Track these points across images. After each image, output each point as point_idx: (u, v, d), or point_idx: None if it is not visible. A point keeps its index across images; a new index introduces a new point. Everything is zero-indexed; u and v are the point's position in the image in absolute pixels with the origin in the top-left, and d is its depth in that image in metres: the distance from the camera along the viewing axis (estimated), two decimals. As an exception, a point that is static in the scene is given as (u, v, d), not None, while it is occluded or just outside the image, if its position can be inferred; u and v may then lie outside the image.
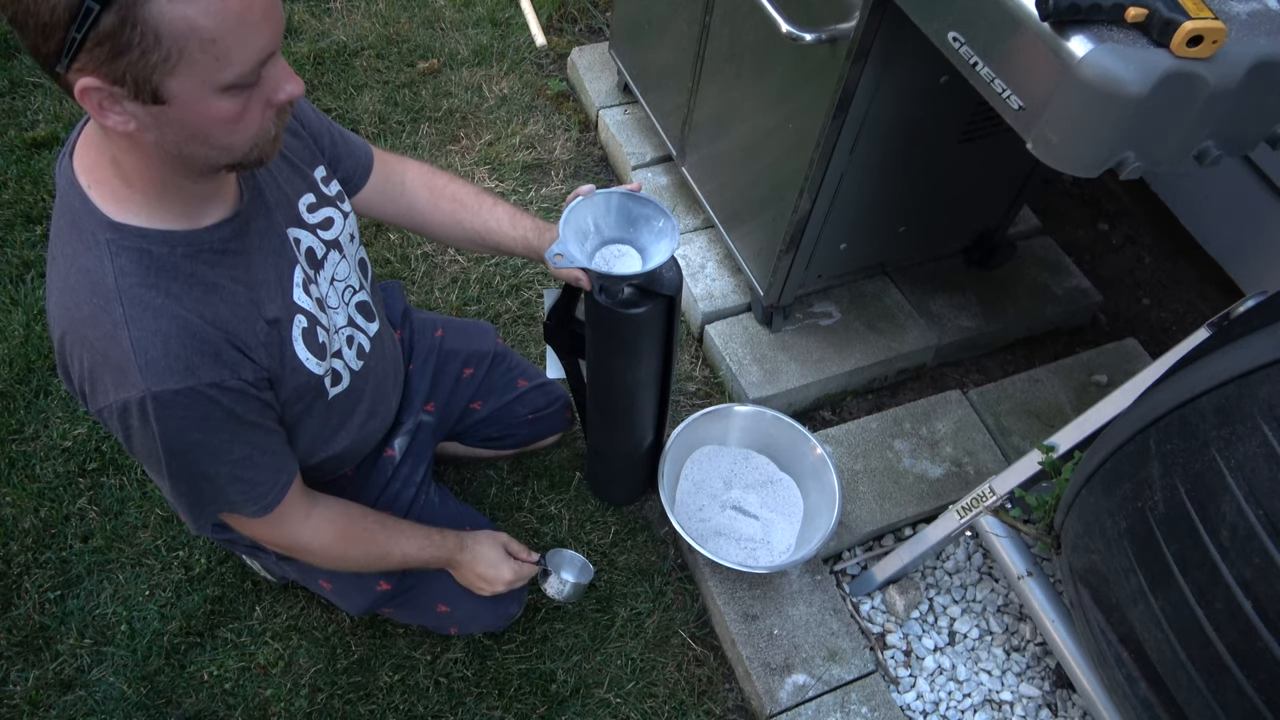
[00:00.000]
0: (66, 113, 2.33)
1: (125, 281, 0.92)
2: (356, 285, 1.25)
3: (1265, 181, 1.90)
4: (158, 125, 0.84)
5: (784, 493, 1.69)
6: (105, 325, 0.92)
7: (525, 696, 1.57)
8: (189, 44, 0.78)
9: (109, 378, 0.94)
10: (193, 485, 1.06)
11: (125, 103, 0.82)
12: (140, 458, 1.03)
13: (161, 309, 0.94)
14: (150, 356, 0.93)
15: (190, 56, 0.79)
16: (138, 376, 0.93)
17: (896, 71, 1.40)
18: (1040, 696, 1.57)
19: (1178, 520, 0.92)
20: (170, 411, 0.95)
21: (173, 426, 0.97)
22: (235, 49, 0.81)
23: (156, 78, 0.80)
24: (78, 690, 1.54)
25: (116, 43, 0.76)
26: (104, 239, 0.92)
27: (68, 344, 0.96)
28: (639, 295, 1.27)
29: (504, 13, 2.70)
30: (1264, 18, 1.00)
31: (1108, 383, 1.93)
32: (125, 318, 0.92)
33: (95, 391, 0.97)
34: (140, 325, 0.92)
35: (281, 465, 1.12)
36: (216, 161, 0.91)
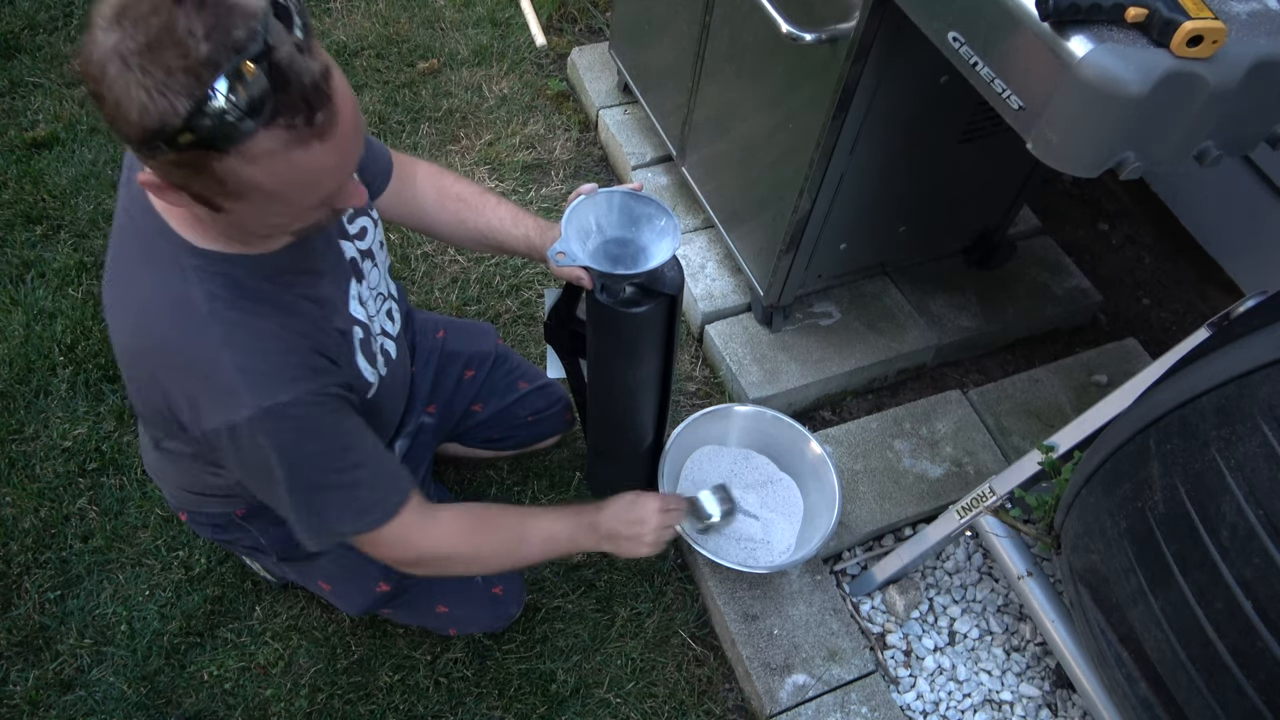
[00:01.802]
0: (66, 113, 2.33)
1: (217, 305, 0.93)
2: (387, 292, 1.26)
3: (1265, 181, 1.90)
4: (212, 219, 0.88)
5: (784, 493, 1.69)
6: (203, 349, 0.92)
7: (525, 696, 1.57)
8: (252, 195, 0.81)
9: (214, 401, 0.94)
10: (316, 498, 1.04)
11: (185, 197, 0.84)
12: (253, 479, 1.02)
13: (256, 327, 0.94)
14: (255, 374, 0.93)
15: (252, 201, 0.82)
16: (247, 396, 0.92)
17: (896, 71, 1.40)
18: (1040, 696, 1.57)
19: (1178, 520, 0.92)
20: (282, 424, 0.95)
21: (288, 440, 0.96)
22: (298, 199, 0.85)
23: (219, 201, 0.82)
24: (78, 690, 1.54)
25: (183, 174, 0.79)
26: (189, 265, 0.93)
27: (154, 374, 0.96)
28: (640, 294, 1.27)
29: (504, 13, 2.70)
30: (1264, 18, 0.99)
31: (1108, 383, 1.93)
32: (224, 339, 0.92)
33: (200, 417, 0.95)
34: (239, 345, 0.93)
35: (398, 470, 1.11)
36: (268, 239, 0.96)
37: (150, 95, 0.73)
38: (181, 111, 0.73)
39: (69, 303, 1.98)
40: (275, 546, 1.35)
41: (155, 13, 0.72)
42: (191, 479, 1.26)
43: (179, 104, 0.73)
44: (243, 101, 0.73)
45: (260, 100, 0.74)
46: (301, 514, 1.05)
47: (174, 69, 0.72)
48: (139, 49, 0.72)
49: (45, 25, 2.54)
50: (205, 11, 0.72)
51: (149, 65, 0.72)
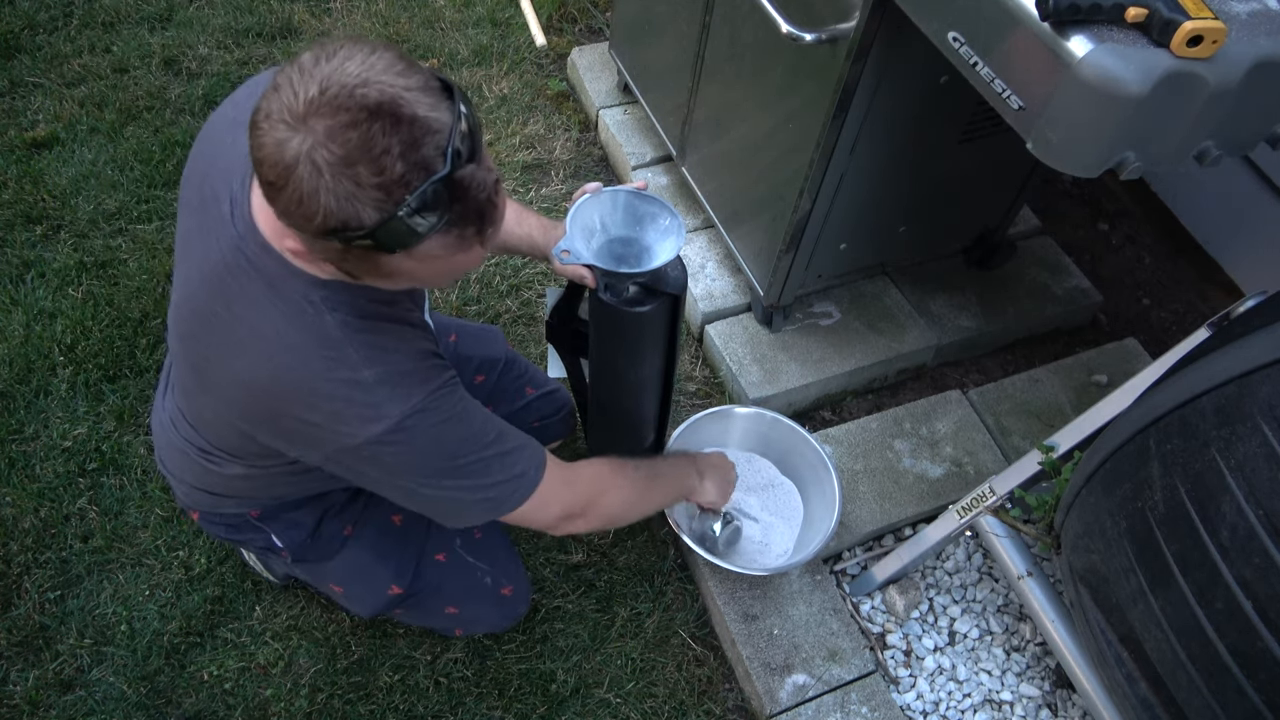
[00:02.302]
0: (66, 113, 2.34)
1: (348, 330, 0.96)
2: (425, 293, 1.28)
3: (1265, 181, 1.90)
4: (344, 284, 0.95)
5: (785, 497, 1.69)
6: (343, 372, 0.95)
7: (525, 696, 1.57)
8: (403, 279, 0.88)
9: (359, 415, 0.97)
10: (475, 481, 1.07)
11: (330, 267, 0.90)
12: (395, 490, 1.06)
13: (384, 345, 0.98)
14: (395, 386, 0.97)
15: (398, 280, 0.89)
16: (391, 406, 0.97)
17: (896, 71, 1.40)
18: (1040, 696, 1.57)
19: (1178, 520, 0.92)
20: (425, 420, 0.99)
21: (433, 435, 1.00)
22: (435, 281, 0.92)
23: (364, 279, 0.90)
24: (78, 690, 1.54)
25: (340, 254, 0.83)
26: (317, 298, 0.96)
27: (290, 407, 0.98)
28: (644, 293, 1.27)
29: (504, 13, 2.70)
30: (1264, 18, 1.00)
31: (1108, 383, 1.93)
32: (363, 360, 0.96)
33: (342, 437, 0.98)
34: (376, 362, 0.96)
35: (526, 437, 1.13)
36: None
37: (339, 202, 0.76)
38: (367, 223, 0.77)
39: (69, 303, 1.98)
40: (290, 547, 1.35)
41: (353, 126, 0.75)
42: (218, 481, 1.25)
43: (365, 214, 0.77)
44: (427, 217, 0.78)
45: (441, 214, 0.79)
46: (464, 503, 1.08)
47: (366, 184, 0.76)
48: (335, 160, 0.76)
49: (45, 25, 2.54)
50: (401, 129, 0.76)
51: (342, 176, 0.76)
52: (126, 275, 2.04)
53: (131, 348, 1.93)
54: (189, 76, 2.47)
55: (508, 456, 1.08)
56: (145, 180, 2.22)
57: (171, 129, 2.32)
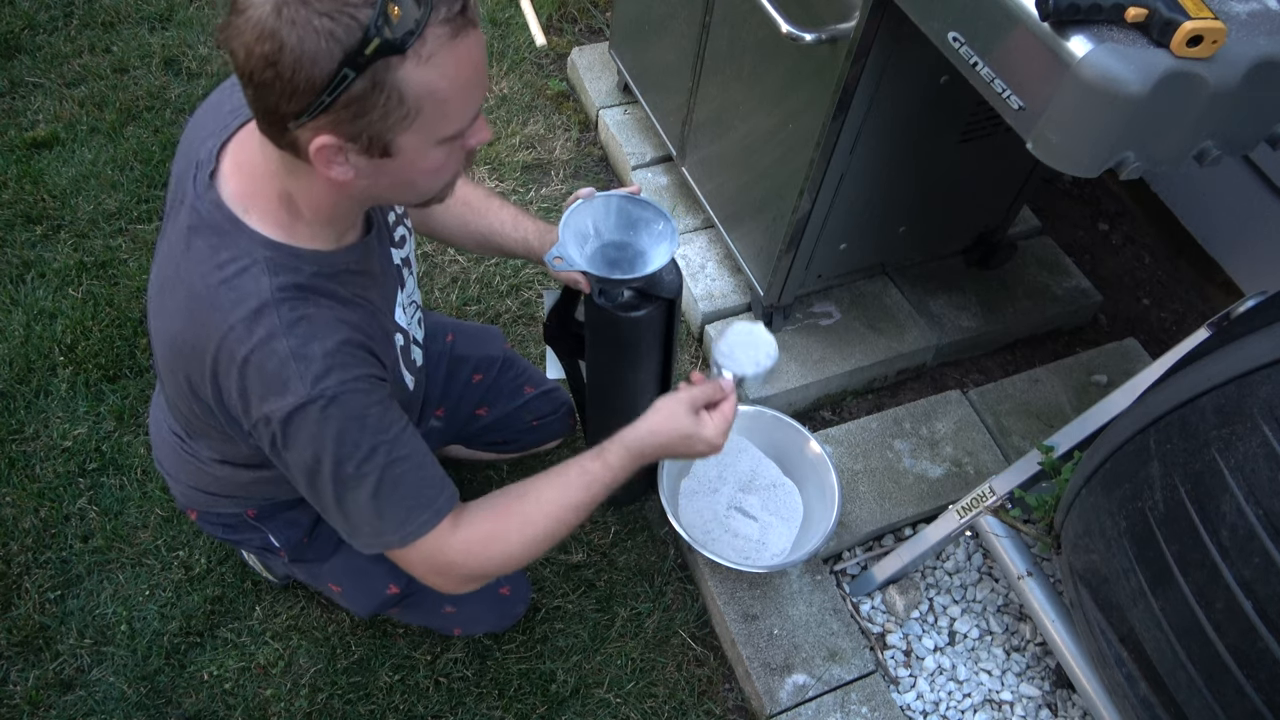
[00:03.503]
0: (66, 113, 2.33)
1: (280, 295, 0.94)
2: (419, 301, 1.27)
3: (1265, 181, 1.90)
4: (374, 174, 0.90)
5: (785, 497, 1.69)
6: (260, 336, 0.93)
7: (525, 696, 1.57)
8: (425, 104, 0.84)
9: (267, 387, 0.94)
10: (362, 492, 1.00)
11: (352, 156, 0.87)
12: (299, 471, 1.00)
13: (314, 317, 0.95)
14: (309, 361, 0.93)
15: (425, 115, 0.85)
16: (298, 383, 0.93)
17: (896, 71, 1.40)
18: (1040, 696, 1.57)
19: (1178, 520, 0.92)
20: (334, 409, 0.95)
21: (337, 427, 0.96)
22: (460, 107, 0.88)
23: (391, 135, 0.85)
24: (78, 690, 1.54)
25: (363, 105, 0.82)
26: (262, 256, 0.94)
27: (212, 365, 0.96)
28: (639, 298, 1.27)
29: (504, 13, 2.70)
30: (1264, 18, 1.00)
31: (1108, 383, 1.93)
32: (282, 327, 0.93)
33: (250, 405, 0.95)
34: (296, 333, 0.93)
35: (443, 473, 1.07)
36: (411, 202, 1.00)
37: (335, 20, 0.77)
38: (365, 21, 0.77)
39: (69, 303, 1.98)
40: (288, 547, 1.36)
41: None
42: (208, 479, 1.26)
43: (362, 15, 0.77)
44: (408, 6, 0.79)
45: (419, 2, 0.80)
46: (348, 511, 1.02)
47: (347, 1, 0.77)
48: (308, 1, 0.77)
49: (45, 25, 2.54)
50: None
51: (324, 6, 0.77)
52: (126, 275, 2.04)
53: (131, 348, 1.93)
54: (189, 76, 2.47)
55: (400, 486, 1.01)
56: (145, 180, 2.22)
57: (172, 129, 2.32)
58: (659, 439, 1.16)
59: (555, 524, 1.12)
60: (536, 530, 1.11)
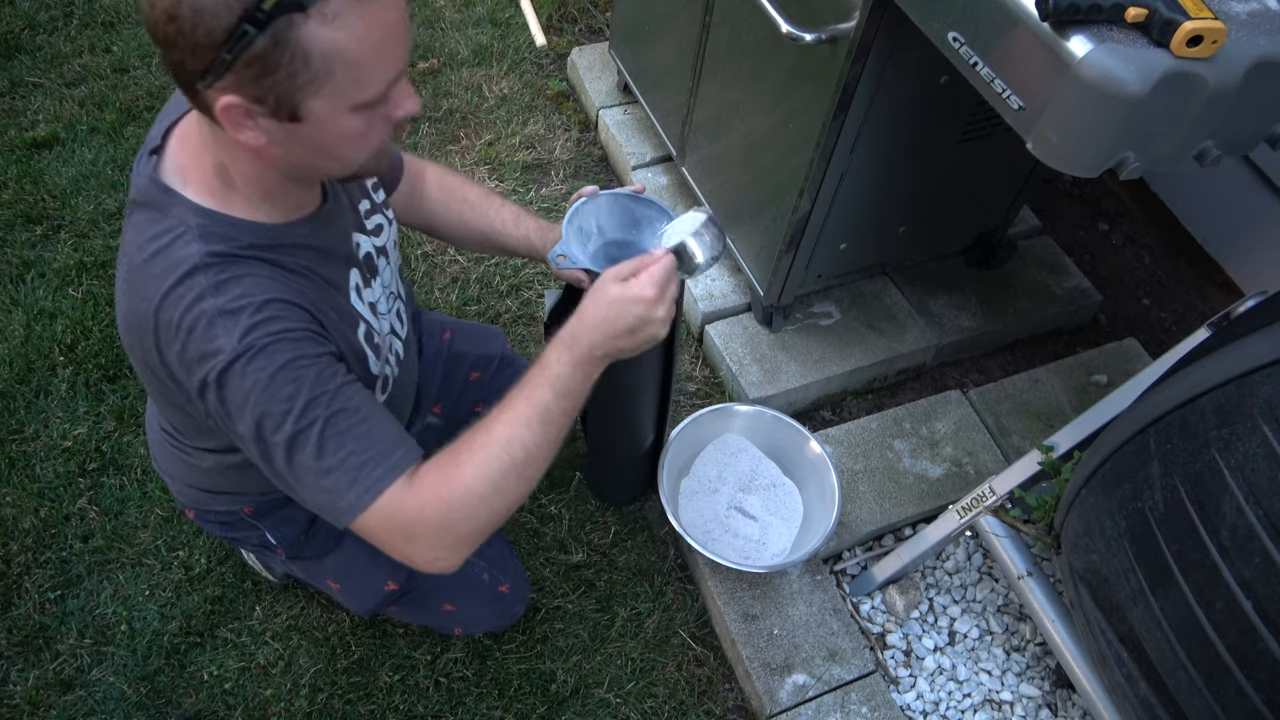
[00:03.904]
0: (66, 113, 2.33)
1: (210, 259, 0.92)
2: (397, 291, 1.26)
3: (1265, 181, 1.90)
4: (288, 141, 0.88)
5: (785, 497, 1.69)
6: (189, 298, 0.91)
7: (525, 696, 1.57)
8: (335, 66, 0.82)
9: (200, 348, 0.91)
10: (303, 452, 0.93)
11: (262, 120, 0.85)
12: (250, 442, 0.95)
13: (243, 278, 0.93)
14: (235, 316, 0.90)
15: (334, 78, 0.83)
16: (226, 339, 0.90)
17: (896, 71, 1.40)
18: (1040, 696, 1.57)
19: (1178, 520, 0.92)
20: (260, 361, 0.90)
21: (268, 378, 0.91)
22: (373, 71, 0.85)
23: (299, 97, 0.84)
24: (78, 690, 1.54)
25: (266, 63, 0.80)
26: (194, 223, 0.93)
27: (155, 339, 0.94)
28: None
29: (504, 13, 2.70)
30: (1264, 18, 1.00)
31: (1108, 383, 1.93)
32: (209, 286, 0.91)
33: (191, 371, 0.93)
34: (223, 291, 0.91)
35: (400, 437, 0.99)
36: (336, 174, 0.96)
37: None
38: None
39: (69, 303, 1.98)
40: (285, 544, 1.35)
41: None
42: (199, 474, 1.26)
43: None
44: None
45: None
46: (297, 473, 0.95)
47: None
48: None
49: (45, 25, 2.54)
50: None
51: None
52: (126, 275, 2.04)
53: (131, 348, 1.93)
54: (189, 76, 2.47)
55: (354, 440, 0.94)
56: (145, 180, 2.22)
57: (171, 129, 2.32)
58: (589, 319, 1.03)
59: (509, 445, 0.99)
60: (489, 454, 0.99)
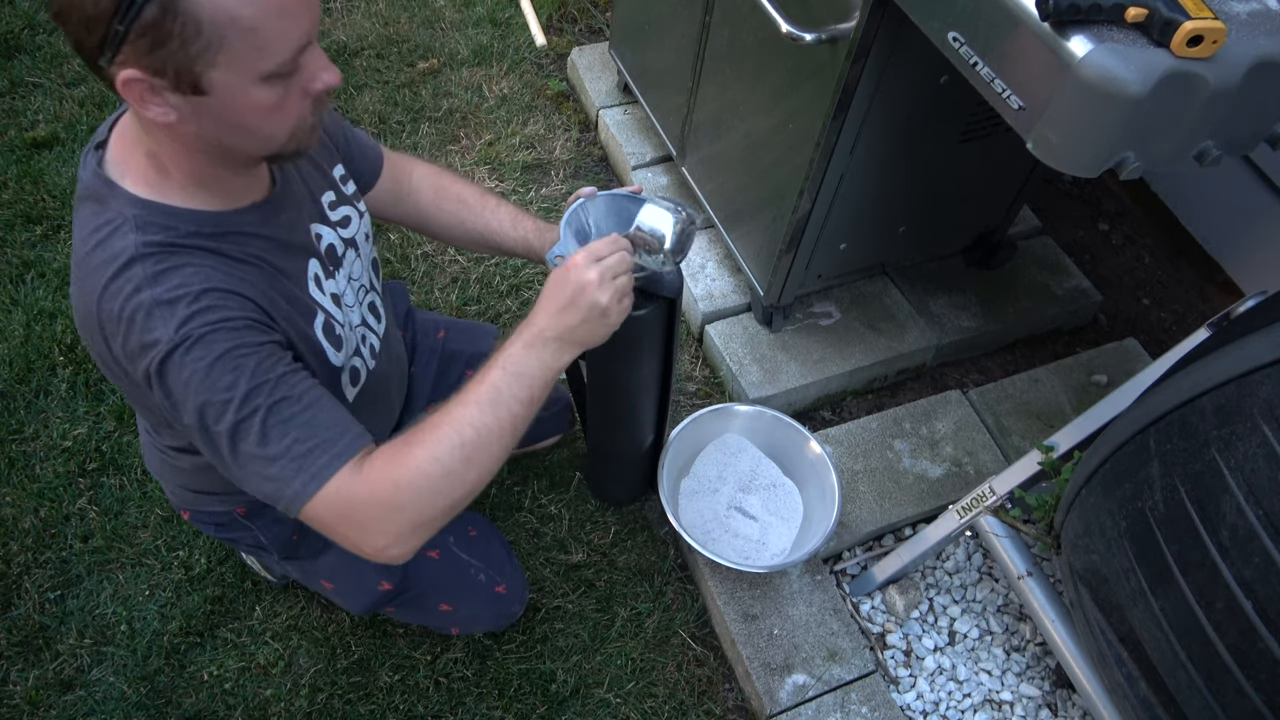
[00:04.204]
0: (66, 113, 2.33)
1: (148, 249, 0.91)
2: (369, 285, 1.25)
3: (1265, 181, 1.90)
4: (198, 116, 0.87)
5: (785, 497, 1.69)
6: (127, 290, 0.90)
7: (525, 696, 1.57)
8: (229, 33, 0.81)
9: (141, 340, 0.91)
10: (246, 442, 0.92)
11: (167, 94, 0.84)
12: (196, 434, 0.94)
13: (181, 268, 0.92)
14: (172, 306, 0.90)
15: (230, 46, 0.81)
16: (163, 329, 0.89)
17: (896, 71, 1.40)
18: (1040, 696, 1.57)
19: (1178, 520, 0.92)
20: (198, 351, 0.89)
21: (206, 367, 0.90)
22: (274, 38, 0.83)
23: (198, 68, 0.82)
24: (78, 690, 1.54)
25: (158, 33, 0.79)
26: (130, 214, 0.92)
27: (100, 332, 0.94)
28: (640, 297, 1.27)
29: (504, 13, 2.70)
30: (1264, 18, 1.00)
31: (1108, 383, 1.93)
32: (146, 277, 0.90)
33: (135, 362, 0.92)
34: (160, 282, 0.90)
35: (349, 420, 0.98)
36: (256, 152, 0.93)
37: None
38: None
39: (69, 303, 1.98)
40: (277, 545, 1.35)
41: None
42: (185, 475, 1.26)
43: None
44: None
45: None
46: (242, 462, 0.94)
47: None
48: None
49: (45, 25, 2.54)
50: None
51: None
52: (126, 275, 2.04)
53: (131, 348, 1.93)
54: (189, 76, 2.47)
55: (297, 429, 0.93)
56: (145, 180, 2.22)
57: (171, 129, 2.32)
58: (540, 300, 1.05)
59: (458, 425, 0.98)
60: (439, 434, 0.97)
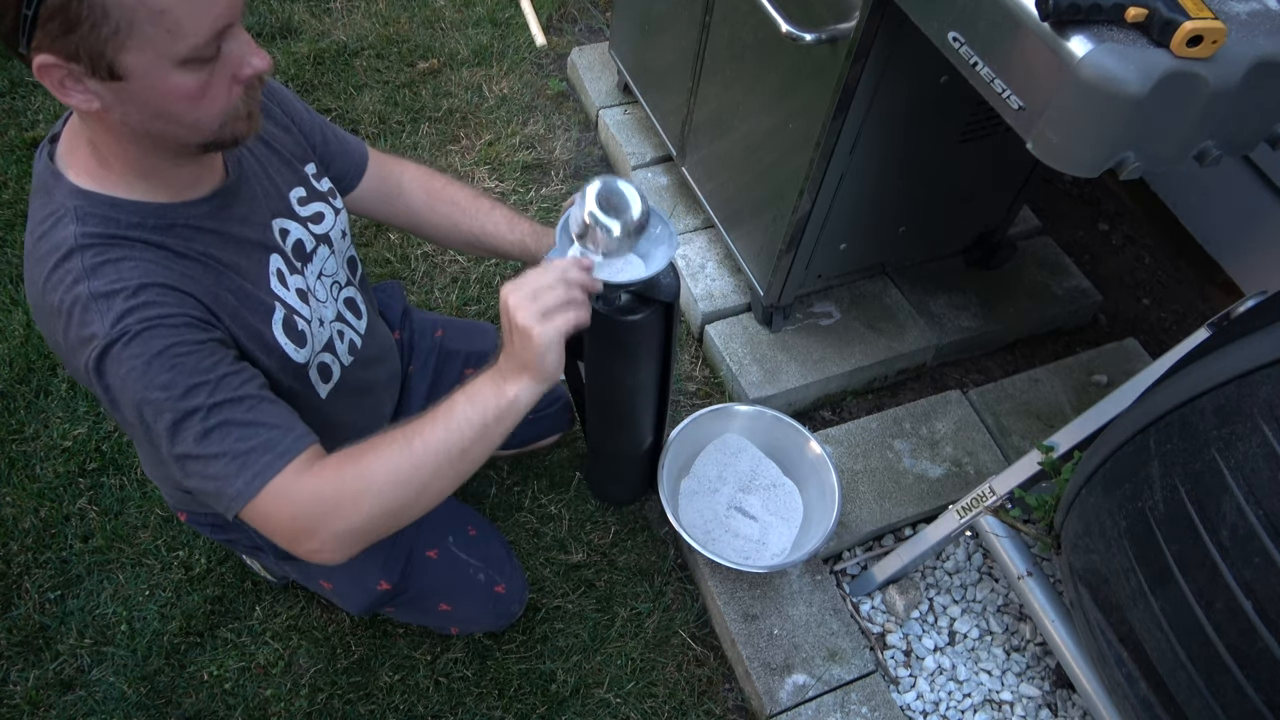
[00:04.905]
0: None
1: (87, 240, 0.90)
2: (344, 281, 1.25)
3: (1265, 181, 1.90)
4: (120, 103, 0.85)
5: (785, 497, 1.69)
6: (66, 282, 0.90)
7: (525, 696, 1.57)
8: (137, 15, 0.79)
9: (76, 335, 0.90)
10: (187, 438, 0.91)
11: (86, 80, 0.83)
12: (136, 431, 0.94)
13: (120, 261, 0.91)
14: (109, 300, 0.89)
15: (141, 29, 0.80)
16: (100, 323, 0.88)
17: (896, 71, 1.40)
18: (1040, 696, 1.57)
19: (1178, 520, 0.92)
20: (134, 348, 0.89)
21: (143, 364, 0.89)
22: (186, 20, 0.81)
23: (110, 52, 0.80)
24: (78, 690, 1.54)
25: (66, 17, 0.77)
26: (71, 205, 0.92)
27: (46, 325, 0.95)
28: (637, 302, 1.27)
29: (504, 13, 2.70)
30: (1264, 18, 1.00)
31: (1108, 383, 1.93)
32: (85, 270, 0.89)
33: (76, 355, 0.92)
34: (98, 275, 0.89)
35: (293, 419, 0.98)
36: (187, 140, 0.91)
37: None
38: None
39: (69, 303, 1.98)
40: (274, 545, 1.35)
41: None
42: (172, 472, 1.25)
43: None
44: None
45: None
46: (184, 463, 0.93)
47: None
48: None
49: (45, 25, 2.54)
50: None
51: None
52: (126, 275, 2.04)
53: (131, 348, 1.93)
54: (189, 76, 2.47)
55: (239, 428, 0.91)
56: (145, 180, 2.22)
57: (171, 129, 2.32)
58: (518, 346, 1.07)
59: (408, 435, 0.96)
60: (391, 441, 0.96)
